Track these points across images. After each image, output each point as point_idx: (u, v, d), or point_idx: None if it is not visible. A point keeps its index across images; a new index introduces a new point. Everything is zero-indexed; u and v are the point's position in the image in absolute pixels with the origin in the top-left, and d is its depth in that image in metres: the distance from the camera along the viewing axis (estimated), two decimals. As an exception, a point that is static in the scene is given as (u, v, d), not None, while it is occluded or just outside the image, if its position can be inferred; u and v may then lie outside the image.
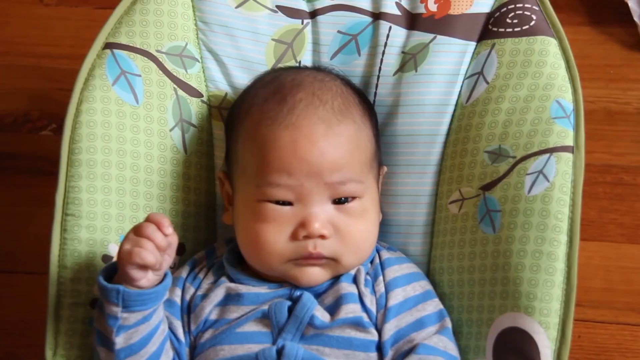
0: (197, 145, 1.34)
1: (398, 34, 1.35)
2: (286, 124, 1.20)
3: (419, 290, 1.23)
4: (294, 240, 1.19)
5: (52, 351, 1.20)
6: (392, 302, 1.20)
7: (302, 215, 1.19)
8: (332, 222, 1.20)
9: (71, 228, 1.22)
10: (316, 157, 1.19)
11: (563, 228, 1.18)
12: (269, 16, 1.37)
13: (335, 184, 1.20)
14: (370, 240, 1.24)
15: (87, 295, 1.22)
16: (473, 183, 1.26)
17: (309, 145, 1.19)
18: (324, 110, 1.22)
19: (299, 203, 1.20)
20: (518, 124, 1.25)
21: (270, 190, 1.20)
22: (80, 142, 1.24)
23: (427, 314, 1.21)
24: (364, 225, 1.22)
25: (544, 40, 1.28)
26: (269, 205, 1.20)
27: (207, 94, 1.36)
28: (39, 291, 1.27)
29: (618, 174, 1.70)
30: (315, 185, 1.19)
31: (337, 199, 1.20)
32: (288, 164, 1.19)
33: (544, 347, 1.15)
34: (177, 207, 1.31)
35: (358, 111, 1.26)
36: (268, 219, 1.20)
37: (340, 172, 1.20)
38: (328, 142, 1.20)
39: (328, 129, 1.20)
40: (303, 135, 1.19)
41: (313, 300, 1.19)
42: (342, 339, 1.17)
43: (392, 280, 1.22)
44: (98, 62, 1.27)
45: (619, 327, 1.60)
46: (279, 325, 1.18)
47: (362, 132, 1.24)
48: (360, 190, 1.22)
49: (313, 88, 1.24)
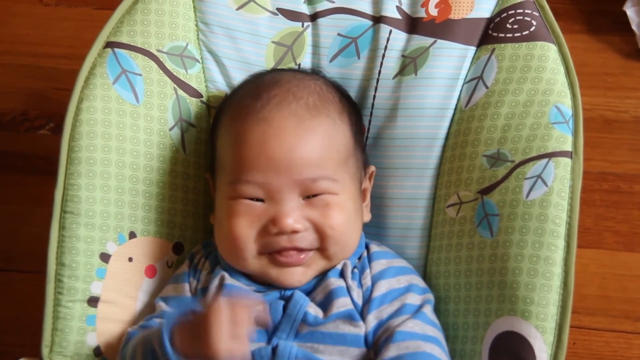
0: (196, 145, 1.34)
1: (398, 38, 1.36)
2: (258, 118, 1.20)
3: (403, 283, 1.21)
4: (266, 236, 1.18)
5: (48, 348, 1.20)
6: (376, 294, 1.18)
7: (273, 211, 1.18)
8: (305, 216, 1.19)
9: (70, 225, 1.22)
10: (284, 154, 1.18)
11: (561, 233, 1.18)
12: (269, 18, 1.38)
13: (305, 181, 1.18)
14: (352, 231, 1.22)
15: (84, 293, 1.22)
16: (471, 187, 1.27)
17: (276, 141, 1.18)
18: (297, 106, 1.21)
19: (270, 200, 1.19)
20: (517, 128, 1.25)
21: (240, 187, 1.19)
22: (80, 140, 1.24)
23: (406, 302, 1.19)
24: (341, 216, 1.20)
25: (544, 46, 1.29)
26: (241, 201, 1.19)
27: (206, 94, 1.36)
28: (35, 290, 1.27)
29: (615, 181, 1.70)
30: (285, 183, 1.18)
31: (308, 196, 1.19)
32: (257, 160, 1.18)
33: (540, 351, 1.15)
34: (175, 206, 1.31)
35: (335, 108, 1.25)
36: (240, 214, 1.19)
37: (310, 169, 1.18)
38: (298, 138, 1.19)
39: (299, 124, 1.19)
40: (272, 131, 1.19)
41: (305, 298, 1.18)
42: (336, 335, 1.16)
43: (378, 273, 1.21)
44: (99, 60, 1.28)
45: (614, 334, 1.60)
46: (274, 323, 1.17)
47: (337, 128, 1.23)
48: (333, 188, 1.20)
49: (290, 85, 1.24)
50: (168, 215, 1.30)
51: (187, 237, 1.32)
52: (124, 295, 1.26)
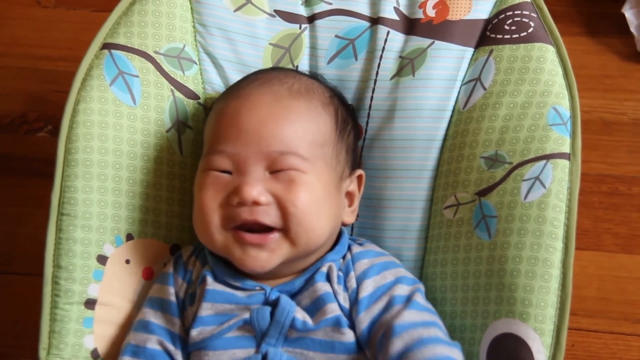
0: (193, 147, 1.34)
1: (396, 39, 1.36)
2: (238, 95, 1.22)
3: (389, 278, 1.20)
4: (227, 207, 1.17)
5: (45, 351, 1.20)
6: (363, 294, 1.18)
7: (237, 182, 1.17)
8: (270, 190, 1.17)
9: (66, 228, 1.22)
10: (254, 125, 1.18)
11: (559, 235, 1.18)
12: (267, 20, 1.38)
13: (273, 154, 1.17)
14: (319, 214, 1.19)
15: (82, 296, 1.21)
16: (469, 188, 1.26)
17: (249, 113, 1.19)
18: (280, 87, 1.22)
19: (236, 172, 1.18)
20: (515, 130, 1.25)
21: (212, 158, 1.19)
22: (76, 141, 1.24)
23: (395, 294, 1.17)
24: (306, 195, 1.17)
25: (542, 47, 1.29)
26: (210, 173, 1.19)
27: (204, 96, 1.36)
28: (33, 292, 1.27)
29: (613, 184, 1.70)
30: (253, 154, 1.17)
31: (274, 170, 1.18)
32: (228, 131, 1.19)
33: (538, 353, 1.15)
34: (172, 208, 1.31)
35: (320, 99, 1.24)
36: (207, 186, 1.19)
37: (279, 143, 1.18)
38: (271, 112, 1.19)
39: (276, 101, 1.20)
40: (248, 104, 1.19)
41: (292, 303, 1.17)
42: (325, 342, 1.16)
43: (362, 273, 1.20)
44: (96, 62, 1.27)
45: (612, 336, 1.60)
46: (262, 330, 1.17)
47: (317, 114, 1.22)
48: (301, 166, 1.18)
49: (278, 74, 1.25)
50: (165, 217, 1.30)
51: (184, 239, 1.32)
52: (121, 297, 1.25)
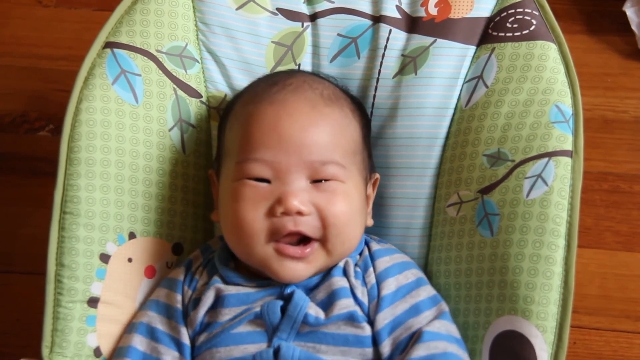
0: (195, 145, 1.34)
1: (398, 37, 1.36)
2: (272, 100, 1.20)
3: (411, 278, 1.21)
4: (271, 217, 1.17)
5: (48, 349, 1.19)
6: (386, 292, 1.18)
7: (279, 192, 1.17)
8: (312, 200, 1.17)
9: (69, 226, 1.22)
10: (297, 133, 1.18)
11: (561, 232, 1.18)
12: (269, 18, 1.38)
13: (315, 163, 1.18)
14: (356, 224, 1.21)
15: (84, 294, 1.21)
16: (471, 186, 1.27)
17: (290, 121, 1.18)
18: (313, 94, 1.22)
19: (277, 180, 1.18)
20: (517, 127, 1.25)
21: (248, 166, 1.18)
22: (79, 140, 1.24)
23: (422, 299, 1.19)
24: (346, 206, 1.19)
25: (544, 45, 1.29)
26: (246, 182, 1.18)
27: (206, 94, 1.36)
28: (35, 291, 1.27)
29: (615, 181, 1.70)
30: (295, 163, 1.17)
31: (316, 180, 1.18)
32: (267, 138, 1.18)
33: (541, 350, 1.15)
34: (175, 206, 1.31)
35: (348, 105, 1.26)
36: (245, 196, 1.18)
37: (321, 152, 1.18)
38: (311, 120, 1.19)
39: (313, 108, 1.20)
40: (286, 111, 1.19)
41: (305, 298, 1.18)
42: (338, 335, 1.16)
43: (384, 270, 1.21)
44: (98, 61, 1.27)
45: (614, 334, 1.60)
46: (273, 325, 1.17)
47: (349, 122, 1.23)
48: (341, 175, 1.19)
49: (306, 78, 1.25)
50: (167, 216, 1.30)
51: (186, 237, 1.32)
52: (123, 295, 1.25)
